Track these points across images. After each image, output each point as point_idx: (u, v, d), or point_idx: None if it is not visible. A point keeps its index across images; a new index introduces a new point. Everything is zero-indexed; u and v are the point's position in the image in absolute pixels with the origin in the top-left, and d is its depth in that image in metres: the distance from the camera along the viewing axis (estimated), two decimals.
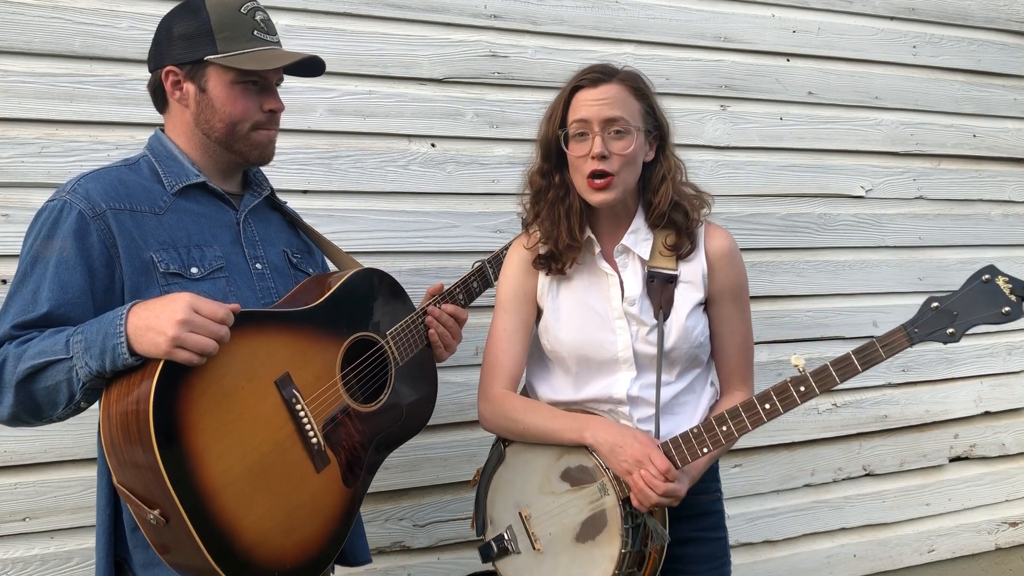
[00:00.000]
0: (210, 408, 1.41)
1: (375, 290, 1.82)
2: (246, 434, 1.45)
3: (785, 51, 3.00)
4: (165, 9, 2.21)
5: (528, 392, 1.97)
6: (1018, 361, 3.35)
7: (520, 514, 1.81)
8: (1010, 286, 1.53)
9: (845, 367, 1.60)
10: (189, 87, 1.63)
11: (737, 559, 2.93)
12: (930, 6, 3.21)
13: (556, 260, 1.83)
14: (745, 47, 2.95)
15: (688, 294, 1.81)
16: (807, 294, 3.02)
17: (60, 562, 2.16)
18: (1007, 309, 1.53)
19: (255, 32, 1.64)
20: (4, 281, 2.10)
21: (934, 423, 3.22)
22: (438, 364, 1.94)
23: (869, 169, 3.13)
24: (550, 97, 2.53)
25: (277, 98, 1.71)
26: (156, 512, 1.35)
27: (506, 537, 1.82)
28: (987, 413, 3.31)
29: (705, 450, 1.68)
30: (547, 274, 1.86)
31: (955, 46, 3.25)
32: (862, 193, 3.11)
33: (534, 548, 1.79)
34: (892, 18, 3.15)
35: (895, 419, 3.16)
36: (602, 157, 1.70)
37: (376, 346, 1.76)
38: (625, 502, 1.70)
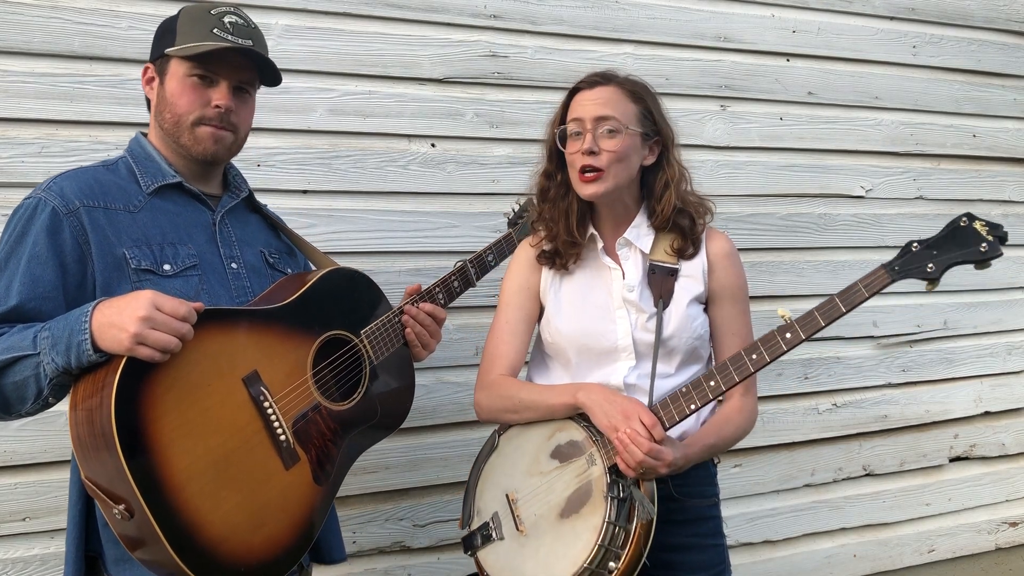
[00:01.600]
0: (175, 404, 1.42)
1: (349, 289, 1.82)
2: (212, 430, 1.46)
3: (785, 51, 3.00)
4: (165, 9, 2.22)
5: None
6: (1018, 361, 3.35)
7: (507, 497, 1.80)
8: (987, 228, 1.57)
9: (829, 309, 1.62)
10: (155, 82, 1.69)
11: (737, 559, 2.93)
12: (930, 6, 3.21)
13: (559, 256, 1.87)
14: (745, 47, 2.95)
15: (688, 286, 1.83)
16: (807, 294, 3.01)
17: (60, 562, 2.15)
18: (984, 247, 1.56)
19: (214, 30, 1.64)
20: None
21: (934, 423, 3.22)
22: (417, 364, 1.93)
23: (869, 169, 3.13)
24: (550, 97, 2.53)
25: (225, 95, 1.67)
26: (121, 507, 1.37)
27: (491, 525, 1.80)
28: (987, 413, 3.31)
29: (693, 406, 1.68)
30: (550, 268, 1.89)
31: (955, 46, 3.25)
32: (862, 193, 3.11)
33: (518, 531, 1.76)
34: (892, 18, 3.16)
35: (895, 419, 3.16)
36: (591, 152, 1.75)
37: (350, 344, 1.76)
38: (611, 470, 1.68)
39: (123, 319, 1.36)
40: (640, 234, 1.84)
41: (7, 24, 2.11)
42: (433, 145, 2.55)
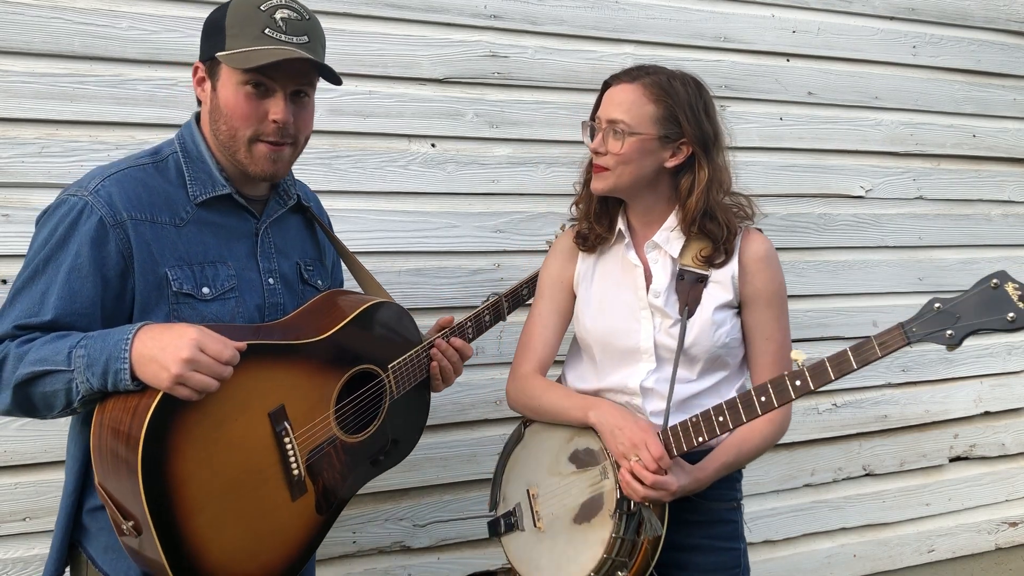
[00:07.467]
0: (201, 436, 1.41)
1: (386, 325, 1.81)
2: (230, 462, 1.46)
3: (785, 51, 3.00)
4: (165, 9, 2.21)
5: (562, 380, 2.00)
6: (1018, 361, 3.35)
7: (528, 492, 1.88)
8: (1020, 293, 1.43)
9: (841, 364, 1.58)
10: (207, 85, 1.58)
11: None
12: (930, 6, 3.21)
13: (588, 239, 1.92)
14: (745, 47, 2.95)
15: (716, 293, 1.81)
16: (807, 294, 3.02)
17: None
18: (1012, 316, 1.42)
19: (266, 30, 1.50)
20: (4, 281, 2.10)
21: (934, 423, 3.22)
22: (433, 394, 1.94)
23: (869, 169, 3.12)
24: (550, 97, 2.53)
25: (282, 108, 1.54)
26: (130, 524, 1.37)
27: (515, 514, 1.89)
28: (987, 413, 3.31)
29: (700, 439, 1.68)
30: (582, 250, 1.93)
31: (955, 46, 3.25)
32: (862, 193, 3.11)
33: (536, 526, 1.84)
34: (892, 18, 3.15)
35: (895, 419, 3.16)
36: (597, 153, 1.81)
37: (376, 379, 1.76)
38: None
39: (166, 357, 1.33)
40: (670, 237, 1.83)
41: (7, 24, 2.11)
42: (433, 145, 2.55)
